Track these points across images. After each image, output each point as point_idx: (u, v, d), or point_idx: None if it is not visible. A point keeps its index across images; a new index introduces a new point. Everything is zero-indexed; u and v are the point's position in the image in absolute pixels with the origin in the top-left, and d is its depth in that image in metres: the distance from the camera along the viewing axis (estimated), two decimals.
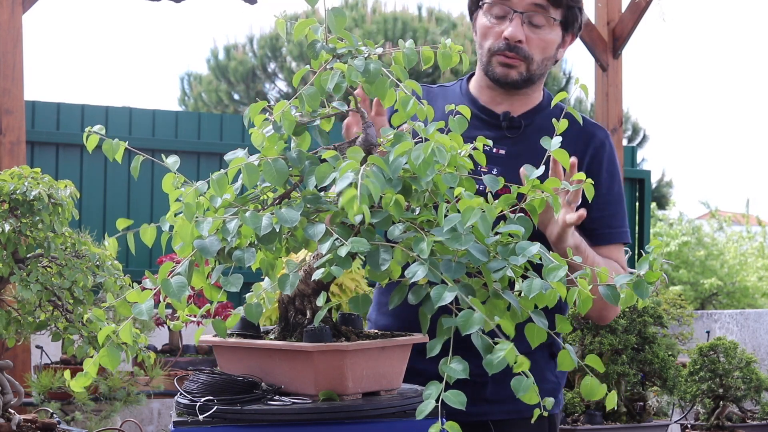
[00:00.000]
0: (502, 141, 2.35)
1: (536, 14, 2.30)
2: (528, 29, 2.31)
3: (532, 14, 2.30)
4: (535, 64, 2.33)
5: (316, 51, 1.77)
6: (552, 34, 2.34)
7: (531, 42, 2.31)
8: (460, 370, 1.54)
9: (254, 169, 1.68)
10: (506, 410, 2.29)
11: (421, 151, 1.62)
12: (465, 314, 1.54)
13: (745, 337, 7.26)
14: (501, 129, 2.37)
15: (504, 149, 2.35)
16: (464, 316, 1.54)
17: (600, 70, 6.92)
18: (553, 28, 2.33)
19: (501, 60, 2.33)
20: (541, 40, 2.32)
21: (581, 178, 1.83)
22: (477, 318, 1.54)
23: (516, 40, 2.30)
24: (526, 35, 2.30)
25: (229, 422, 1.67)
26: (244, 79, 18.17)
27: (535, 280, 1.58)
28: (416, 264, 1.59)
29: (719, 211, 15.35)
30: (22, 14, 4.93)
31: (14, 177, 2.25)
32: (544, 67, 2.36)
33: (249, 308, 1.67)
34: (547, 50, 2.35)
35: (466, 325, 1.54)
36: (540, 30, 2.32)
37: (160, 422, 5.58)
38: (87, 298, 2.24)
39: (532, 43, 2.31)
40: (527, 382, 1.55)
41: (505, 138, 2.36)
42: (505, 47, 2.31)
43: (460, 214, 1.60)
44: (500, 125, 2.38)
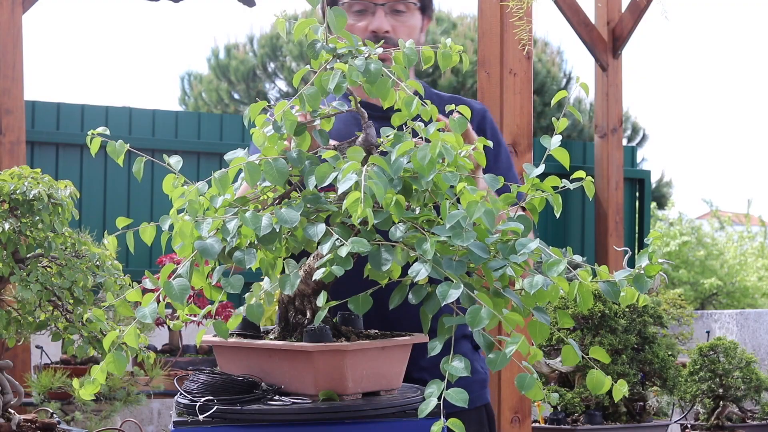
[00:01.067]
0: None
1: (397, 2, 2.36)
2: (392, 19, 2.36)
3: (393, 3, 2.35)
4: None
5: (316, 51, 1.77)
6: (413, 19, 2.40)
7: (397, 30, 2.36)
8: (462, 368, 1.55)
9: (256, 169, 1.68)
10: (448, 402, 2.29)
11: (428, 151, 1.62)
12: (473, 310, 1.54)
13: (745, 337, 7.25)
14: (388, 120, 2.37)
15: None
16: (472, 312, 1.54)
17: (600, 70, 6.92)
18: (413, 13, 2.39)
19: None
20: (406, 27, 2.38)
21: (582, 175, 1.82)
22: (485, 313, 1.54)
23: (383, 31, 2.34)
24: (392, 24, 2.36)
25: (229, 422, 1.67)
26: (244, 79, 18.16)
27: (537, 276, 1.58)
28: (419, 263, 1.59)
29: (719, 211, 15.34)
30: (22, 14, 4.93)
31: (14, 177, 2.25)
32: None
33: (251, 308, 1.67)
34: (412, 35, 2.39)
35: (474, 321, 1.54)
36: (402, 17, 2.37)
37: (160, 422, 5.58)
38: (87, 298, 2.24)
39: (398, 32, 2.36)
40: (531, 379, 1.55)
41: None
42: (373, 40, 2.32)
43: (463, 210, 1.60)
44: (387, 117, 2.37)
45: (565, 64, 18.67)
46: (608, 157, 7.06)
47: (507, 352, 1.54)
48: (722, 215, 15.31)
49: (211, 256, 1.63)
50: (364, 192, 1.54)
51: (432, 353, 1.62)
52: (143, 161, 1.78)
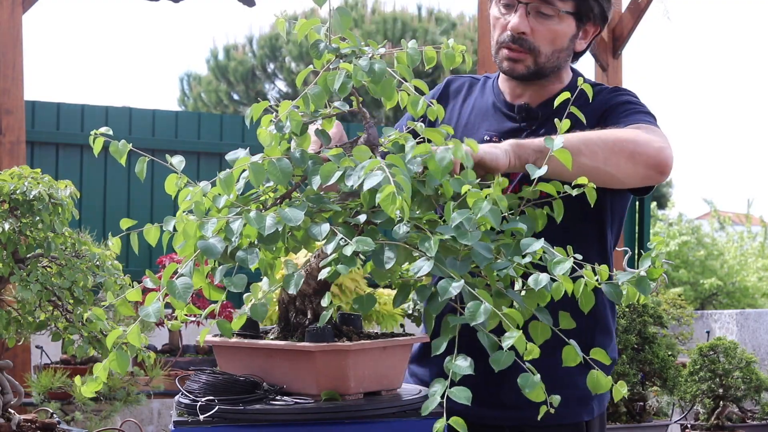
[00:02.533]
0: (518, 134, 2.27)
1: (542, 5, 2.21)
2: (534, 20, 2.22)
3: (537, 5, 2.21)
4: (543, 57, 2.24)
5: (319, 51, 1.77)
6: (561, 25, 2.24)
7: (537, 33, 2.22)
8: (466, 367, 1.54)
9: (260, 169, 1.68)
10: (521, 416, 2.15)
11: (449, 153, 1.61)
12: (473, 306, 1.54)
13: (745, 337, 7.25)
14: (517, 121, 2.31)
15: None
16: (472, 308, 1.54)
17: (600, 70, 6.92)
18: (563, 19, 2.23)
19: (506, 54, 2.26)
20: (549, 31, 2.23)
21: (584, 182, 1.80)
22: (484, 309, 1.54)
23: (518, 31, 2.22)
24: (532, 27, 2.22)
25: (229, 422, 1.67)
26: (243, 80, 18.17)
27: (542, 275, 1.58)
28: (422, 260, 1.59)
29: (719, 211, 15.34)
30: (22, 14, 4.92)
31: (14, 177, 2.25)
32: (555, 59, 2.26)
33: (254, 308, 1.67)
34: (557, 42, 2.25)
35: (473, 317, 1.53)
36: (547, 21, 2.22)
37: (160, 422, 5.58)
38: (87, 298, 2.24)
39: (538, 35, 2.23)
40: (533, 379, 1.55)
41: (523, 129, 2.29)
42: (510, 39, 2.24)
43: (468, 209, 1.60)
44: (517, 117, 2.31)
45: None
46: None
47: (504, 345, 1.53)
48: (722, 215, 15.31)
49: (214, 255, 1.63)
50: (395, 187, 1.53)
51: (436, 352, 1.61)
52: (146, 161, 1.78)
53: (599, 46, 6.81)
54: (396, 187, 1.53)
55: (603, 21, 2.31)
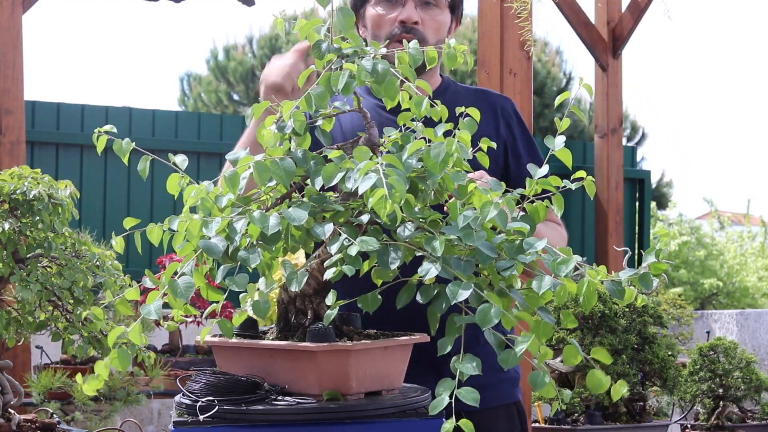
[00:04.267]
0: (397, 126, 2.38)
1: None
2: (421, 11, 2.37)
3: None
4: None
5: (321, 51, 1.77)
6: (443, 15, 2.41)
7: (425, 24, 2.37)
8: (473, 368, 1.55)
9: (265, 168, 1.68)
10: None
11: (443, 148, 1.61)
12: (484, 308, 1.54)
13: (745, 337, 7.25)
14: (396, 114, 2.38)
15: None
16: (483, 311, 1.54)
17: (600, 70, 6.92)
18: (443, 9, 2.40)
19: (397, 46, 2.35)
20: (434, 21, 2.38)
21: (582, 175, 1.82)
22: (495, 312, 1.54)
23: (412, 21, 2.35)
24: (421, 17, 2.36)
25: (229, 422, 1.67)
26: (243, 80, 18.17)
27: (546, 277, 1.58)
28: (428, 262, 1.59)
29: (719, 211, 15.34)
30: (22, 14, 4.92)
31: (14, 177, 2.25)
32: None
33: (257, 305, 1.67)
34: (440, 32, 2.40)
35: (484, 320, 1.54)
36: (432, 11, 2.38)
37: (160, 422, 5.58)
38: (87, 298, 2.24)
39: (426, 25, 2.37)
40: (543, 377, 1.55)
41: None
42: (401, 30, 2.35)
43: (475, 210, 1.61)
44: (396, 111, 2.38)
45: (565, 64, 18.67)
46: (608, 157, 7.06)
47: (518, 351, 1.54)
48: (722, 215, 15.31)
49: (215, 255, 1.63)
50: (387, 189, 1.54)
51: (442, 352, 1.61)
52: (148, 160, 1.78)
53: (599, 46, 6.80)
54: (389, 188, 1.53)
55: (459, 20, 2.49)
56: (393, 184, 1.54)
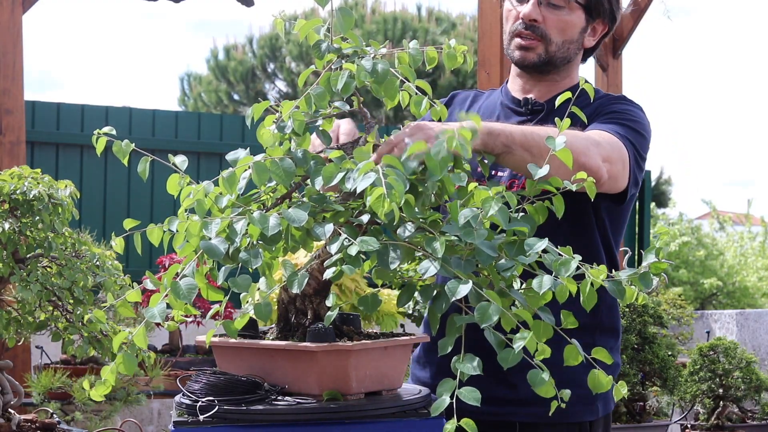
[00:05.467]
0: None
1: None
2: (546, 10, 2.30)
3: None
4: (554, 46, 2.31)
5: (321, 51, 1.77)
6: (571, 16, 2.32)
7: (548, 22, 2.30)
8: (474, 367, 1.54)
9: (263, 168, 1.68)
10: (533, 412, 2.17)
11: (443, 147, 1.61)
12: (482, 306, 1.54)
13: (745, 337, 7.25)
14: (523, 114, 2.36)
15: None
16: (481, 309, 1.54)
17: (600, 70, 6.92)
18: (573, 10, 2.32)
19: (518, 43, 2.32)
20: (560, 20, 2.31)
21: (583, 176, 1.81)
22: (494, 309, 1.54)
23: (530, 18, 2.29)
24: (543, 15, 2.30)
25: (230, 422, 1.67)
26: (243, 79, 18.16)
27: (545, 277, 1.57)
28: (427, 261, 1.58)
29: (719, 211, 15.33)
30: (22, 14, 4.92)
31: (14, 177, 2.25)
32: (566, 50, 2.33)
33: (258, 308, 1.67)
34: (567, 32, 2.32)
35: (483, 318, 1.53)
36: (558, 11, 2.30)
37: (160, 422, 5.58)
38: (87, 298, 2.24)
39: (549, 23, 2.30)
40: (542, 376, 1.55)
41: (528, 123, 2.31)
42: (522, 26, 2.31)
43: (474, 208, 1.60)
44: (522, 111, 2.36)
45: None
46: None
47: (515, 347, 1.53)
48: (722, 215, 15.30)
49: (216, 256, 1.63)
50: (386, 189, 1.53)
51: (443, 352, 1.61)
52: (148, 161, 1.78)
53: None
54: (387, 188, 1.52)
55: (612, 21, 2.38)
56: (392, 184, 1.54)
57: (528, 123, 2.30)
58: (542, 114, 2.33)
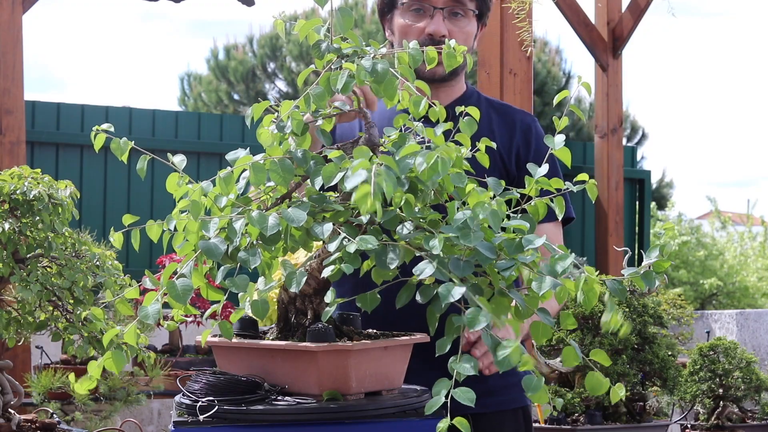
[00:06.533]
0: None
1: (456, 5, 2.38)
2: (449, 23, 2.38)
3: (452, 6, 2.37)
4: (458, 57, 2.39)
5: (321, 51, 1.77)
6: (470, 26, 2.42)
7: (454, 35, 2.37)
8: (470, 368, 1.54)
9: (261, 168, 1.68)
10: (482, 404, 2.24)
11: (425, 160, 1.62)
12: (472, 312, 1.55)
13: (745, 337, 7.25)
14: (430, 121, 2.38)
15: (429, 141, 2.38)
16: (471, 314, 1.54)
17: (600, 70, 6.92)
18: (471, 20, 2.42)
19: None
20: (462, 32, 2.39)
21: (585, 178, 1.81)
22: (484, 315, 1.54)
23: (440, 35, 2.35)
24: (449, 29, 2.37)
25: (230, 422, 1.67)
26: (244, 79, 18.16)
27: (546, 278, 1.57)
28: (425, 262, 1.59)
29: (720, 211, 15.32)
30: (22, 14, 4.92)
31: (14, 177, 2.25)
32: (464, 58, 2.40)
33: (256, 305, 1.67)
34: (468, 41, 2.42)
35: (472, 323, 1.54)
36: (459, 22, 2.39)
37: (160, 422, 5.58)
38: (87, 298, 2.24)
39: (454, 36, 2.37)
40: (538, 381, 1.55)
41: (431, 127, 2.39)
42: (430, 42, 2.34)
43: (470, 211, 1.60)
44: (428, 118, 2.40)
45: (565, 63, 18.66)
46: (608, 157, 7.06)
47: (499, 356, 1.53)
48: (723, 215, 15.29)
49: (215, 256, 1.63)
50: (373, 187, 1.53)
51: (441, 352, 1.61)
52: (147, 159, 1.78)
53: (599, 46, 6.80)
54: (376, 187, 1.52)
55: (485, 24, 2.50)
56: (380, 183, 1.54)
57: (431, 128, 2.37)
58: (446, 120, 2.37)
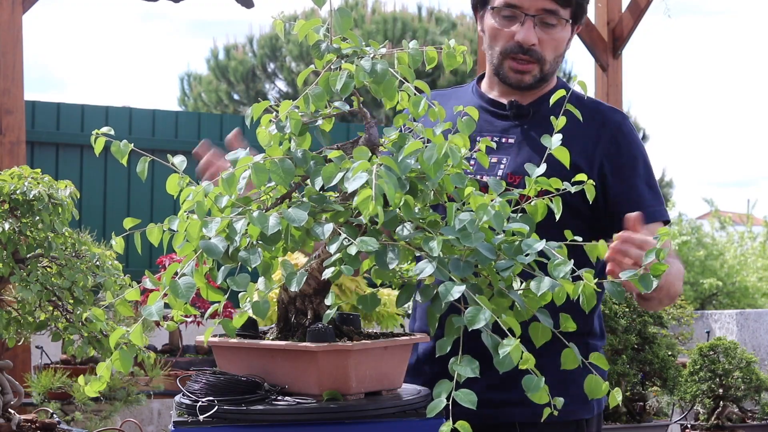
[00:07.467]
0: (511, 130, 2.34)
1: (548, 15, 2.28)
2: (540, 31, 2.29)
3: (543, 16, 2.28)
4: (548, 65, 2.33)
5: (321, 51, 1.77)
6: (563, 32, 2.32)
7: (543, 43, 2.30)
8: (471, 370, 1.54)
9: (263, 169, 1.68)
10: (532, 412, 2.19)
11: (434, 152, 1.61)
12: (472, 311, 1.54)
13: (745, 337, 7.25)
14: (509, 119, 2.35)
15: (513, 137, 2.32)
16: (471, 313, 1.54)
17: (600, 70, 6.92)
18: (564, 26, 2.32)
19: (513, 66, 2.31)
20: (553, 40, 2.31)
21: (583, 178, 1.81)
22: (484, 314, 1.54)
23: (530, 44, 2.28)
24: (539, 37, 2.29)
25: (230, 422, 1.67)
26: (244, 79, 18.16)
27: (545, 279, 1.57)
28: (424, 261, 1.59)
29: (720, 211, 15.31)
30: (22, 14, 4.92)
31: (14, 177, 2.25)
32: (555, 64, 2.36)
33: (256, 305, 1.67)
34: (559, 48, 2.34)
35: (472, 322, 1.53)
36: (552, 30, 2.30)
37: (160, 422, 5.58)
38: (87, 298, 2.24)
39: (544, 45, 2.30)
40: (537, 381, 1.55)
41: (513, 126, 2.34)
42: (518, 50, 2.29)
43: (471, 212, 1.60)
44: (508, 115, 2.36)
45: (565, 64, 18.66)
46: None
47: (501, 353, 1.53)
48: (723, 215, 15.29)
49: (215, 255, 1.63)
50: (375, 190, 1.53)
51: (441, 353, 1.61)
52: (147, 161, 1.78)
53: (599, 46, 6.80)
54: (377, 190, 1.52)
55: (582, 21, 2.41)
56: (381, 186, 1.54)
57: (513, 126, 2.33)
58: (528, 118, 2.34)
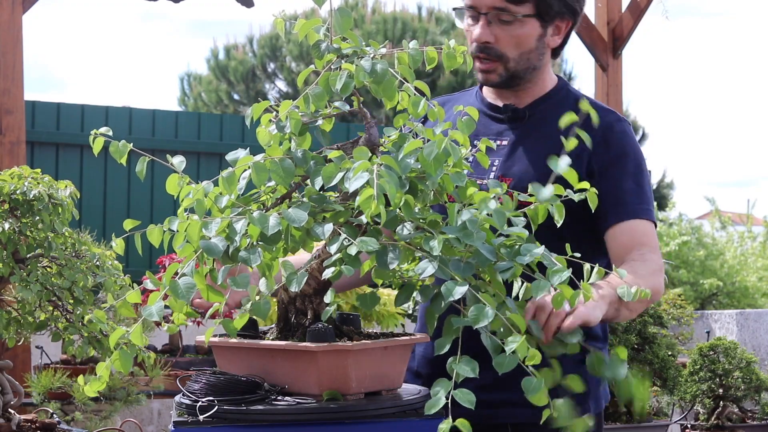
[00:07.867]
0: (506, 132, 2.33)
1: (500, 12, 2.25)
2: (497, 28, 2.25)
3: (496, 13, 2.25)
4: (512, 62, 2.27)
5: (321, 51, 1.77)
6: (524, 28, 2.26)
7: (501, 40, 2.26)
8: (470, 370, 1.54)
9: (263, 168, 1.68)
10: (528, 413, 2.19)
11: (434, 147, 1.61)
12: (477, 309, 1.54)
13: (745, 337, 7.25)
14: (504, 122, 2.35)
15: (506, 140, 2.32)
16: (476, 311, 1.54)
17: (600, 70, 6.92)
18: (524, 22, 2.26)
19: (478, 65, 2.30)
20: (512, 37, 2.26)
21: (585, 186, 1.80)
22: (488, 312, 1.54)
23: (482, 41, 2.26)
24: (496, 35, 2.25)
25: (230, 422, 1.67)
26: (244, 79, 18.16)
27: (542, 281, 1.57)
28: (425, 261, 1.59)
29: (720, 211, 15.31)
30: (22, 14, 4.92)
31: (14, 177, 2.25)
32: (526, 61, 2.29)
33: (257, 306, 1.67)
34: (523, 45, 2.27)
35: (477, 320, 1.54)
36: (509, 27, 2.25)
37: (160, 422, 5.58)
38: (87, 299, 2.24)
39: (502, 42, 2.26)
40: (537, 383, 1.55)
41: (508, 130, 2.33)
42: (477, 50, 2.28)
43: (472, 211, 1.60)
44: (503, 118, 2.35)
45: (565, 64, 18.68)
46: None
47: (507, 350, 1.53)
48: (723, 215, 15.29)
49: (215, 254, 1.63)
50: (376, 190, 1.53)
51: (439, 352, 1.61)
52: (146, 161, 1.77)
53: (599, 46, 6.80)
54: (379, 189, 1.52)
55: (572, 14, 2.32)
56: (383, 186, 1.54)
57: (507, 129, 2.32)
58: (524, 120, 2.33)
